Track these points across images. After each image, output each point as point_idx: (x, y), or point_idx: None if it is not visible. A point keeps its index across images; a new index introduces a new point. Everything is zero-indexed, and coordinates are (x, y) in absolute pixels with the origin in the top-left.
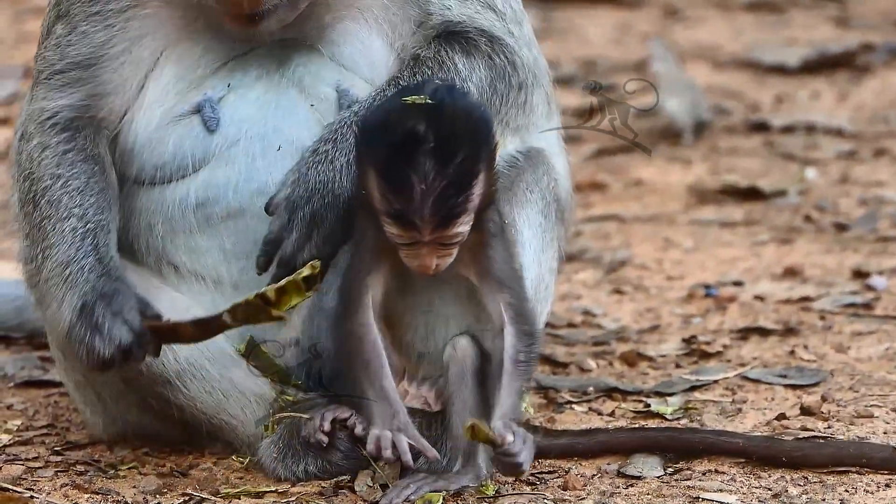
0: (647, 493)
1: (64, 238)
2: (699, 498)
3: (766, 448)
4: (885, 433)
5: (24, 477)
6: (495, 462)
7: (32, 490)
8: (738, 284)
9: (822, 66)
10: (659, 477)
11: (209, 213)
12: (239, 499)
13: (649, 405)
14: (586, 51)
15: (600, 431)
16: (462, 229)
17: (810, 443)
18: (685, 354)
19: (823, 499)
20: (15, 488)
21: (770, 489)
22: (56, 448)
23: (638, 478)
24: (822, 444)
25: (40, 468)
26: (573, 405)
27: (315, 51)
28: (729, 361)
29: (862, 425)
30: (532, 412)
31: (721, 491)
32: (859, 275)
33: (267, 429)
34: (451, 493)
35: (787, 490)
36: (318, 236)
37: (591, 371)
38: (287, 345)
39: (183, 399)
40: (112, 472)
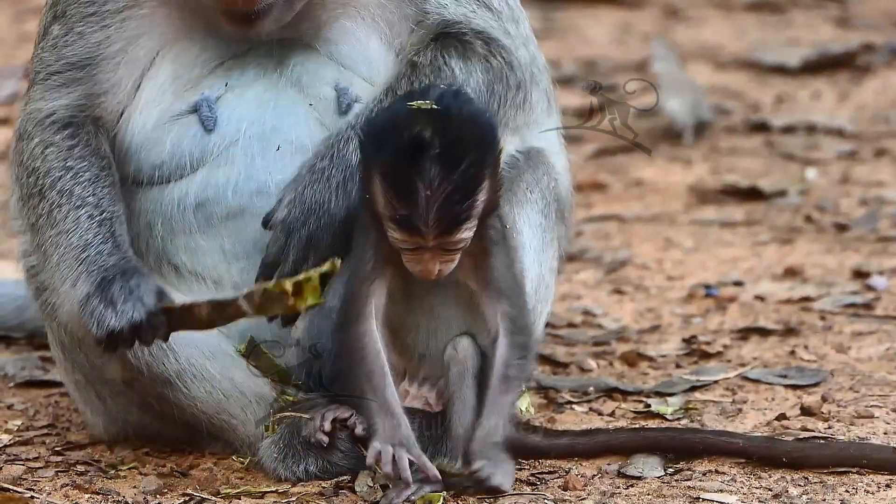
0: (648, 494)
1: (79, 224)
2: (699, 498)
3: (767, 448)
4: (885, 434)
5: (24, 477)
6: (473, 486)
7: (33, 490)
8: (738, 284)
9: (822, 66)
10: (659, 477)
11: (209, 214)
12: (239, 499)
13: (650, 405)
14: (587, 51)
15: (601, 432)
16: (466, 235)
17: (811, 443)
18: (685, 354)
19: (824, 499)
20: (15, 488)
21: (770, 489)
22: (56, 448)
23: (638, 478)
24: (822, 444)
25: (41, 468)
26: (573, 405)
27: (313, 50)
28: (729, 361)
29: (862, 426)
30: (532, 412)
31: (721, 491)
32: (860, 275)
33: (267, 429)
34: (452, 493)
35: (787, 490)
36: (315, 258)
37: (591, 371)
38: (287, 345)
39: (183, 399)
40: (112, 472)
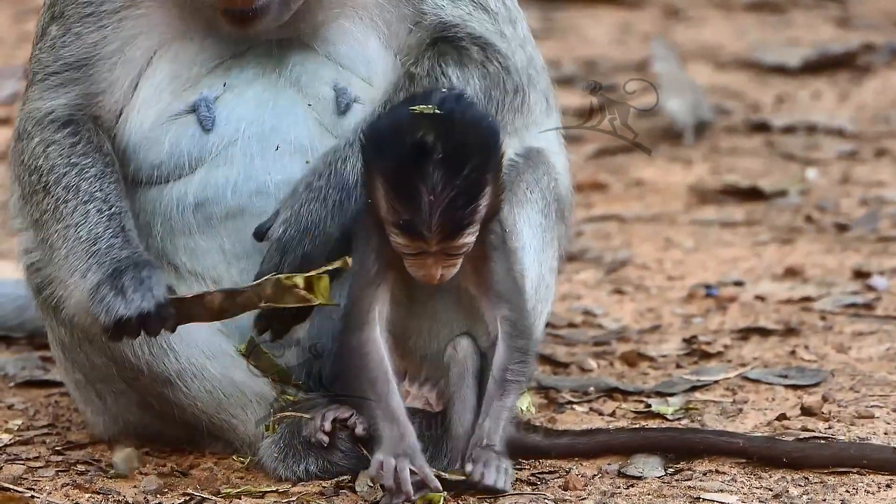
0: (648, 494)
1: (88, 218)
2: (700, 498)
3: (767, 448)
4: (885, 434)
5: (24, 476)
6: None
7: (33, 490)
8: (738, 284)
9: (823, 66)
10: (660, 477)
11: (208, 214)
12: (240, 499)
13: (650, 405)
14: (587, 51)
15: (601, 431)
16: (468, 240)
17: (811, 443)
18: (686, 354)
19: (824, 499)
20: (16, 488)
21: (771, 489)
22: (57, 448)
23: (639, 478)
24: (822, 444)
25: (41, 468)
26: (574, 405)
27: (311, 50)
28: (730, 361)
29: (863, 426)
30: (533, 412)
31: (722, 491)
32: (860, 275)
33: (268, 428)
34: (452, 493)
35: (787, 490)
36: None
37: (591, 371)
38: (287, 345)
39: (184, 399)
40: (113, 471)
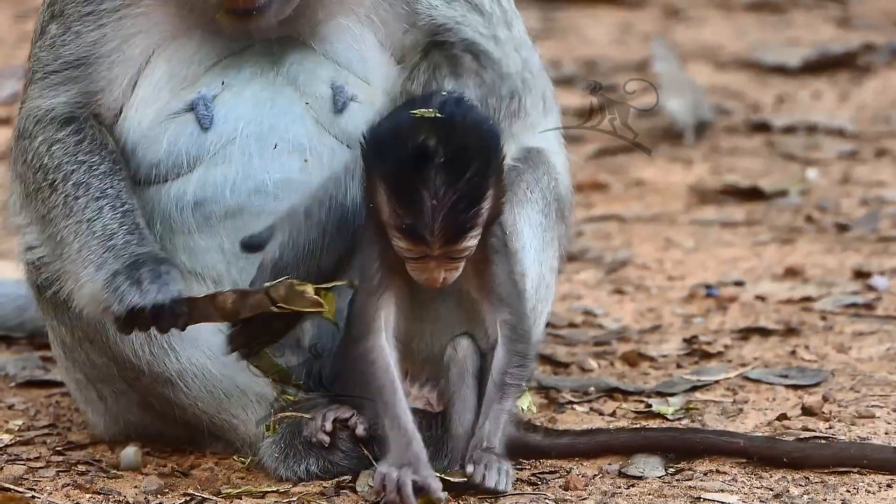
0: (649, 494)
1: (102, 214)
2: (700, 498)
3: (768, 448)
4: (886, 433)
5: (25, 477)
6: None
7: (34, 490)
8: (739, 284)
9: (823, 66)
10: (660, 477)
11: (207, 213)
12: (240, 499)
13: (650, 405)
14: (587, 51)
15: (601, 431)
16: (471, 243)
17: (811, 443)
18: (686, 354)
19: (825, 499)
20: (16, 488)
21: (771, 489)
22: (57, 448)
23: (639, 478)
24: (823, 444)
25: (42, 468)
26: (574, 405)
27: (309, 48)
28: (730, 361)
29: (863, 426)
30: (534, 411)
31: (722, 491)
32: (860, 275)
33: (268, 429)
34: (452, 493)
35: (788, 490)
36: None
37: (592, 371)
38: (288, 345)
39: (184, 398)
40: (113, 472)
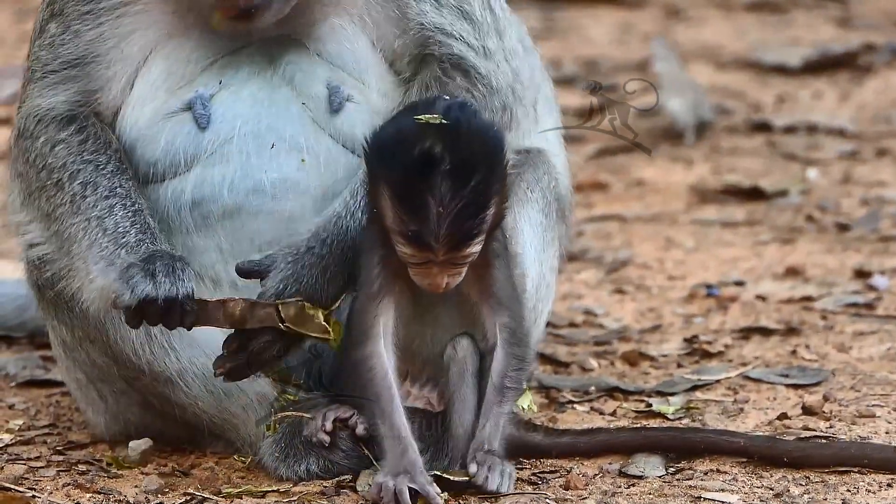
0: (649, 493)
1: (113, 212)
2: (701, 497)
3: (768, 448)
4: (887, 433)
5: (25, 476)
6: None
7: (34, 489)
8: (739, 284)
9: (823, 66)
10: (661, 476)
11: (205, 212)
12: (241, 498)
13: (651, 405)
14: (588, 50)
15: (602, 431)
16: (475, 249)
17: (812, 443)
18: (687, 354)
19: (825, 498)
20: (17, 488)
21: (772, 489)
22: (58, 447)
23: (640, 477)
24: (823, 443)
25: (42, 468)
26: (575, 405)
27: (304, 48)
28: (730, 361)
29: (864, 425)
30: (535, 410)
31: (723, 491)
32: (861, 274)
33: (269, 428)
34: (453, 492)
35: (788, 490)
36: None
37: (592, 371)
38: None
39: (184, 398)
40: (114, 471)
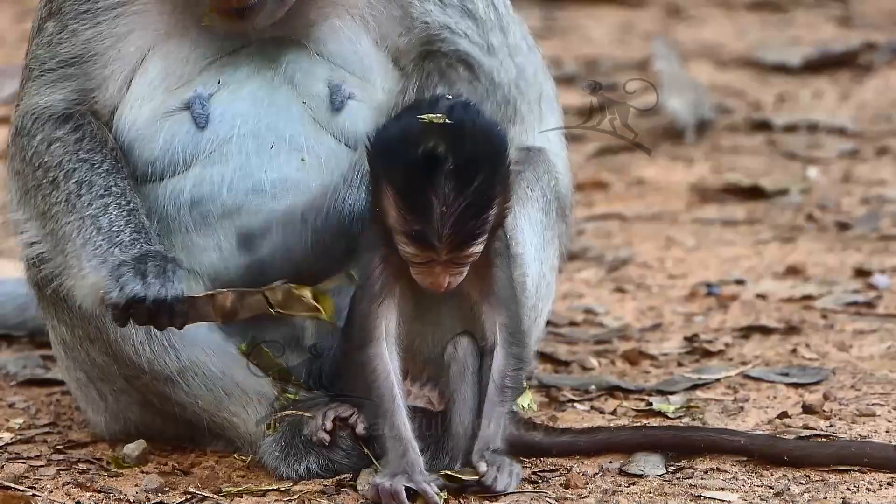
0: (649, 492)
1: (108, 211)
2: (701, 496)
3: (768, 446)
4: (887, 432)
5: (26, 475)
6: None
7: (34, 488)
8: (740, 283)
9: (824, 65)
10: (661, 475)
11: (204, 212)
12: (241, 497)
13: (651, 403)
14: (589, 50)
15: (602, 430)
16: (478, 249)
17: (812, 441)
18: (687, 353)
19: (825, 497)
20: (17, 486)
21: (772, 487)
22: (58, 446)
23: (640, 476)
24: (823, 442)
25: (42, 466)
26: (575, 403)
27: (304, 48)
28: (731, 360)
29: (864, 424)
30: (535, 409)
31: (723, 489)
32: (861, 273)
33: (269, 427)
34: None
35: (788, 488)
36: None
37: (592, 369)
38: (288, 344)
39: (184, 397)
40: (114, 470)
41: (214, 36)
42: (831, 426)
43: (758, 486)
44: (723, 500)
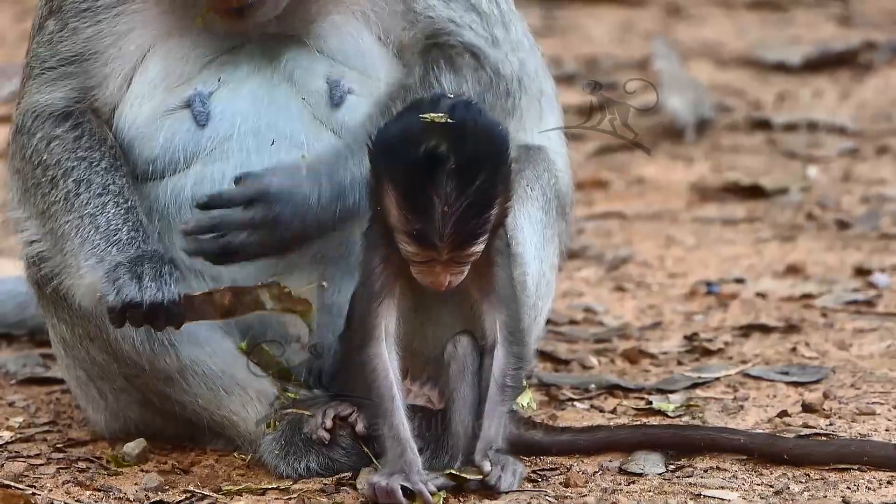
0: (649, 490)
1: (105, 210)
2: (701, 495)
3: (768, 445)
4: (887, 430)
5: (26, 474)
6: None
7: (34, 487)
8: (739, 282)
9: (824, 64)
10: (661, 474)
11: None
12: (241, 496)
13: (651, 402)
14: (589, 49)
15: (602, 428)
16: (479, 248)
17: (812, 440)
18: (687, 352)
19: (825, 496)
20: (17, 485)
21: (772, 486)
22: (58, 445)
23: (640, 475)
24: (823, 441)
25: (42, 465)
26: (575, 402)
27: (304, 45)
28: (731, 359)
29: (864, 422)
30: (534, 408)
31: (723, 488)
32: (861, 272)
33: (269, 426)
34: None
35: (788, 487)
36: (269, 239)
37: (592, 368)
38: (288, 343)
39: (184, 396)
40: (114, 468)
41: (214, 34)
42: (831, 425)
43: (757, 484)
44: (722, 499)
